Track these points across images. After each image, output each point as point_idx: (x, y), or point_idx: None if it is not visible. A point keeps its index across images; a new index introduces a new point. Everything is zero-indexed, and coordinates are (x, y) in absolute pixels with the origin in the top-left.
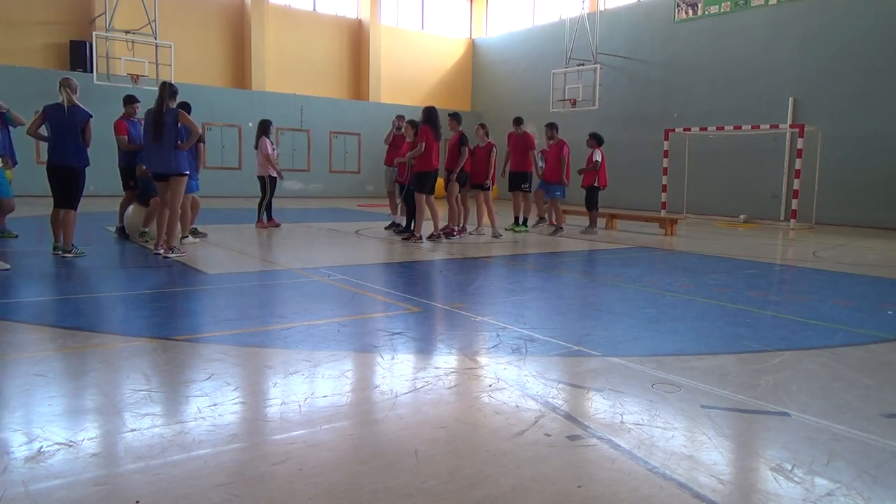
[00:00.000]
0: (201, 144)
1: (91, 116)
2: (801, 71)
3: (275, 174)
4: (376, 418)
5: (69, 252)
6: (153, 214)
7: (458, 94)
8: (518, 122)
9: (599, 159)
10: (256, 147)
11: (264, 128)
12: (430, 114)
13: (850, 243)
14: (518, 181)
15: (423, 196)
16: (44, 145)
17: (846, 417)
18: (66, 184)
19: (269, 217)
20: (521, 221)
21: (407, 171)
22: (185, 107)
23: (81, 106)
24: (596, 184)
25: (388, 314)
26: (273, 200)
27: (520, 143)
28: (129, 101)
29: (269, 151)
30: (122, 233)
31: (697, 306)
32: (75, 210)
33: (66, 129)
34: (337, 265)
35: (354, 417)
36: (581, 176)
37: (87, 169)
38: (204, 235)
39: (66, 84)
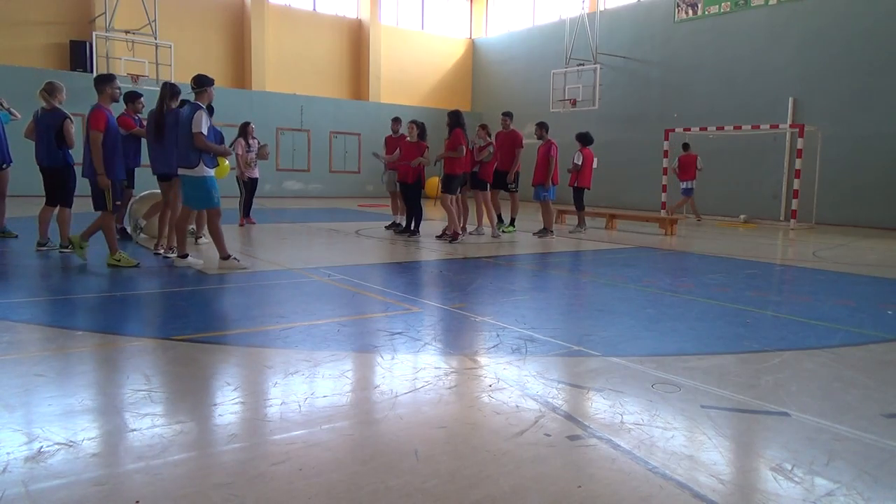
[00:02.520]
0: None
1: (64, 118)
2: (801, 71)
3: (253, 175)
4: (376, 418)
5: (66, 247)
6: (157, 208)
7: (458, 94)
8: (508, 115)
9: (579, 162)
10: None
11: (241, 130)
12: (460, 118)
13: (850, 243)
14: (504, 181)
15: (453, 197)
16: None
17: (846, 417)
18: (51, 183)
19: (247, 215)
20: (501, 220)
21: (399, 170)
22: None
23: (60, 108)
24: (577, 184)
25: (388, 314)
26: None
27: (507, 140)
28: (131, 98)
29: (240, 152)
30: (124, 233)
31: (697, 306)
32: (68, 207)
33: (40, 132)
34: (337, 265)
35: (354, 417)
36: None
37: (75, 168)
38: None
39: (44, 88)
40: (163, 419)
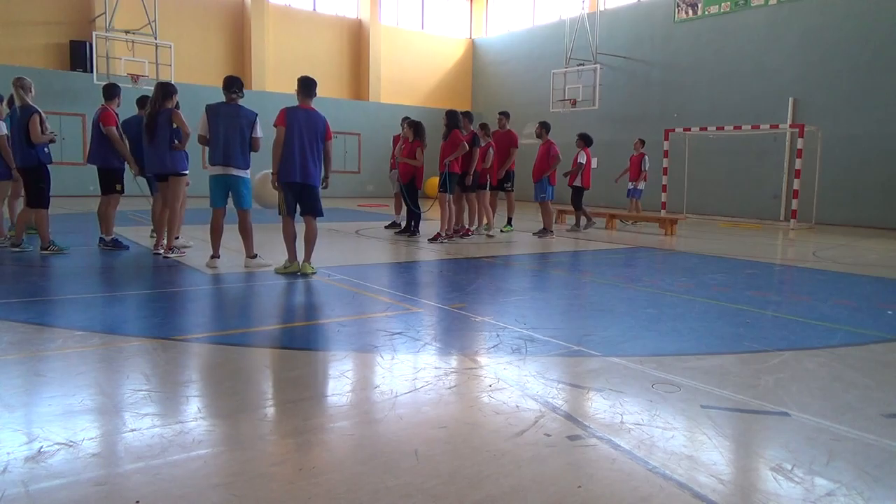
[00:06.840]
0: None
1: (32, 113)
2: (801, 71)
3: None
4: (376, 418)
5: (46, 249)
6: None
7: (458, 94)
8: (505, 115)
9: (584, 161)
10: None
11: None
12: (457, 118)
13: (850, 243)
14: (500, 181)
15: (450, 197)
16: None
17: (846, 417)
18: (26, 183)
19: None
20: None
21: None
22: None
23: (32, 105)
24: (579, 184)
25: (388, 314)
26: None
27: (503, 140)
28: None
29: None
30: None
31: (697, 306)
32: (44, 208)
33: (14, 130)
34: (337, 265)
35: (354, 417)
36: (567, 177)
37: (48, 167)
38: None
39: (16, 84)
40: (163, 419)
